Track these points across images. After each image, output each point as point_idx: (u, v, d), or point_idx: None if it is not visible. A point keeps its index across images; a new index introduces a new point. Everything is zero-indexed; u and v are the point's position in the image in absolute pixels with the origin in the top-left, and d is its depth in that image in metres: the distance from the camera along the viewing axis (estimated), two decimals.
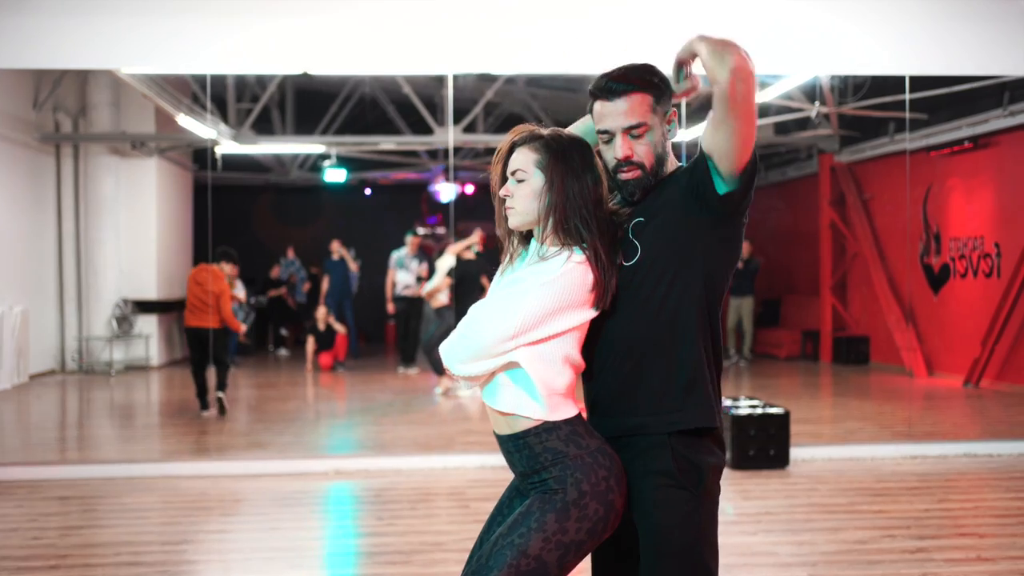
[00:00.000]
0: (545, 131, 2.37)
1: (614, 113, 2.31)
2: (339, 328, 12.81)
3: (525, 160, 2.33)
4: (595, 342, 2.34)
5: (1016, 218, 10.53)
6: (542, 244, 2.34)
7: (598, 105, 2.35)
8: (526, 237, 2.44)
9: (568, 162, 2.30)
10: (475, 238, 10.40)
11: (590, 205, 2.29)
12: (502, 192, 2.36)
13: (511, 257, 2.44)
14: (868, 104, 11.30)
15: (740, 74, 2.12)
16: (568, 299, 2.23)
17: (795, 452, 6.85)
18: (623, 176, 2.34)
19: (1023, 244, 10.26)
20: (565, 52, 7.07)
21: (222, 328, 9.03)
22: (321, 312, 12.80)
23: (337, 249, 13.58)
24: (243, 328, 10.13)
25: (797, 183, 15.00)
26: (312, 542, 5.05)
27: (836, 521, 5.25)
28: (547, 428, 2.26)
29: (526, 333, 2.22)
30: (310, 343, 12.72)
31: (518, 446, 2.29)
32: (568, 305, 2.24)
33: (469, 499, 5.85)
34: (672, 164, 2.41)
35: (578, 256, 2.26)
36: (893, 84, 10.29)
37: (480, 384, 2.34)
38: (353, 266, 13.75)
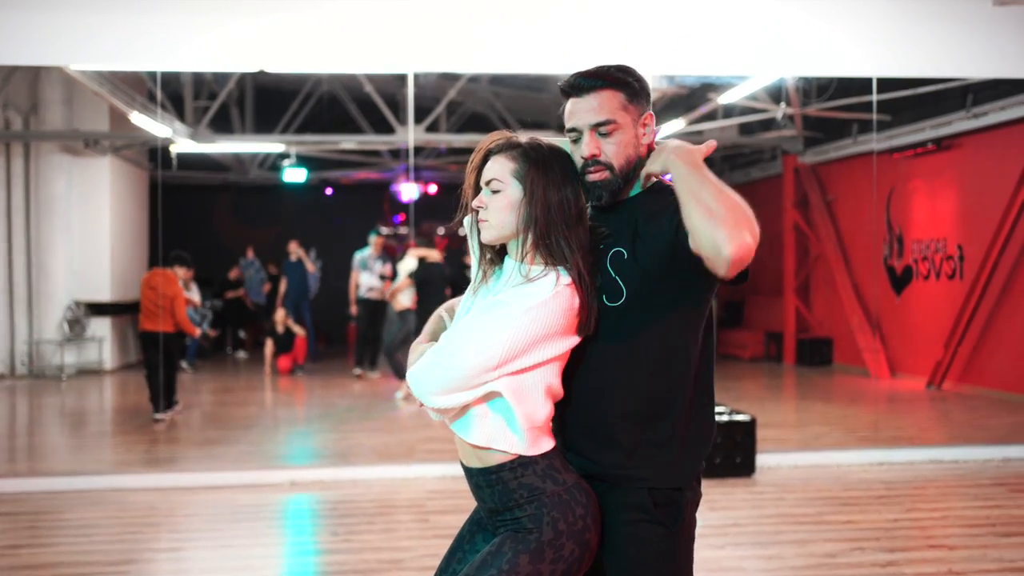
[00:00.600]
0: (523, 139, 2.18)
1: (582, 110, 2.15)
2: (298, 331, 12.58)
3: (501, 169, 2.14)
4: (572, 371, 2.16)
5: (979, 220, 10.53)
6: (521, 262, 2.14)
7: (569, 103, 2.19)
8: (499, 252, 2.24)
9: (548, 173, 2.12)
10: (436, 254, 10.22)
11: (572, 220, 2.11)
12: (475, 203, 2.17)
13: (484, 275, 2.24)
14: (833, 105, 11.27)
15: (743, 254, 1.89)
16: (556, 325, 2.05)
17: (761, 459, 6.75)
18: (590, 177, 2.15)
19: (986, 246, 10.27)
20: (527, 52, 6.93)
21: (176, 332, 8.86)
22: (280, 315, 12.56)
23: (295, 250, 13.34)
24: (198, 332, 9.91)
25: (761, 184, 14.97)
26: (266, 560, 4.86)
27: (805, 533, 5.14)
28: (523, 463, 2.08)
29: (510, 362, 2.02)
30: (268, 346, 12.49)
31: (490, 481, 2.11)
32: (555, 332, 2.05)
33: (429, 512, 5.67)
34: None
35: (565, 278, 2.08)
36: (858, 86, 10.25)
37: (451, 416, 2.12)
38: (311, 267, 13.52)
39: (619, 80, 2.16)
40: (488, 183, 2.16)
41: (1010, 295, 10.12)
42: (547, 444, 2.12)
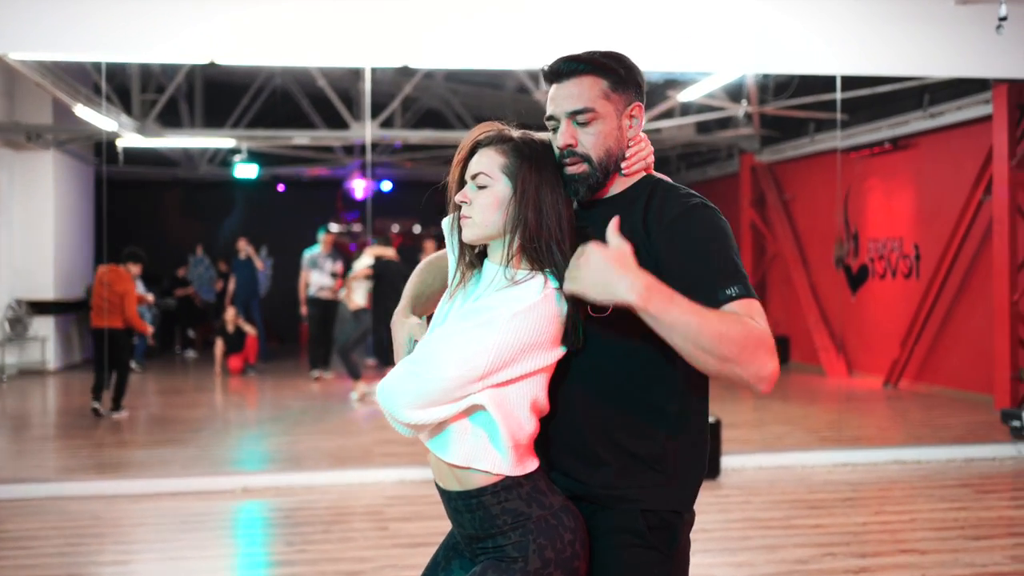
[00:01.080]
0: (515, 132, 2.00)
1: (561, 96, 1.99)
2: (248, 330, 12.28)
3: (490, 163, 1.95)
4: (555, 385, 1.98)
5: (936, 220, 10.56)
6: (505, 266, 1.95)
7: (551, 89, 2.02)
8: (480, 255, 2.05)
9: (542, 171, 1.95)
10: (392, 252, 10.03)
11: (564, 223, 1.94)
12: (458, 197, 1.97)
13: (463, 277, 2.04)
14: (793, 104, 11.24)
15: (773, 383, 1.79)
16: (544, 332, 1.87)
17: (725, 461, 6.65)
18: (567, 169, 1.98)
19: (942, 246, 10.30)
20: (486, 47, 6.76)
21: (125, 329, 8.68)
22: (230, 314, 12.26)
23: (244, 248, 13.05)
24: (150, 329, 9.66)
25: (717, 183, 14.94)
26: (217, 573, 4.64)
27: (773, 538, 5.04)
28: (507, 485, 1.89)
29: (496, 373, 1.83)
30: (219, 346, 12.17)
31: (470, 506, 1.91)
32: (544, 340, 1.87)
33: (388, 519, 5.48)
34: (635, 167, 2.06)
35: (554, 282, 1.91)
36: (818, 84, 10.22)
37: (426, 433, 1.93)
38: (260, 265, 13.24)
39: (603, 66, 1.98)
40: (474, 177, 1.96)
41: (966, 294, 10.16)
42: (532, 464, 1.95)
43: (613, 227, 1.81)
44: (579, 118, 1.97)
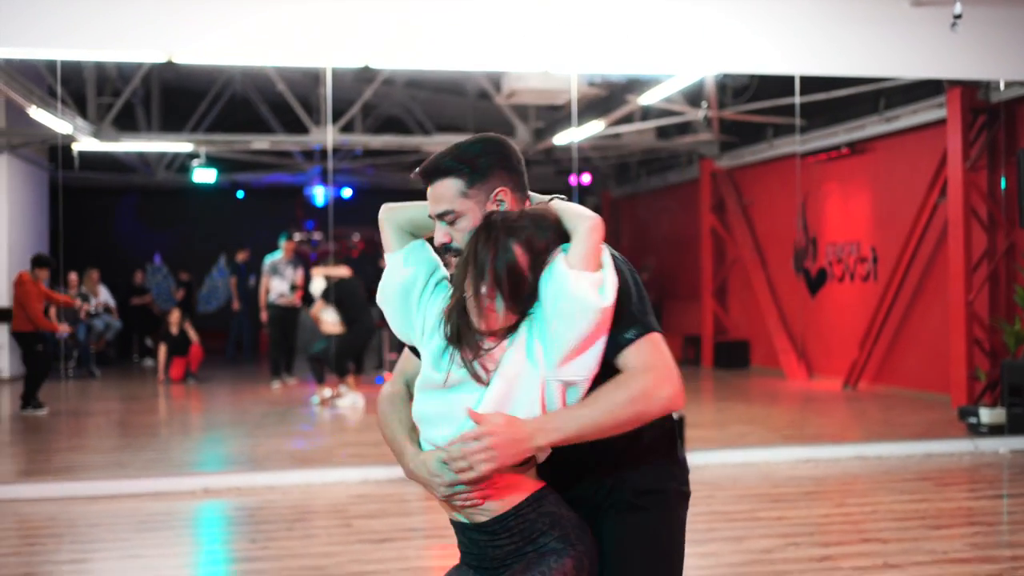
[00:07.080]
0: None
1: (431, 198, 2.15)
2: (193, 336, 11.95)
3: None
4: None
5: (892, 223, 10.70)
6: None
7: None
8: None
9: None
10: (343, 270, 9.99)
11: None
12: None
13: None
14: (751, 108, 11.35)
15: (676, 401, 2.03)
16: None
17: (688, 458, 6.64)
18: (450, 264, 2.18)
19: (899, 248, 10.44)
20: (449, 49, 6.74)
21: (31, 332, 9.09)
22: (175, 316, 11.96)
23: (243, 258, 13.10)
24: (61, 328, 9.70)
25: (678, 188, 15.04)
26: (179, 570, 4.56)
27: (739, 530, 5.05)
28: (540, 496, 2.02)
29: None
30: (161, 351, 11.86)
31: (507, 525, 1.99)
32: None
33: (351, 516, 5.43)
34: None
35: None
36: (775, 89, 10.33)
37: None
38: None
39: (454, 169, 2.10)
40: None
41: (922, 296, 10.29)
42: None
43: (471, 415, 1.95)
44: (446, 219, 2.11)
